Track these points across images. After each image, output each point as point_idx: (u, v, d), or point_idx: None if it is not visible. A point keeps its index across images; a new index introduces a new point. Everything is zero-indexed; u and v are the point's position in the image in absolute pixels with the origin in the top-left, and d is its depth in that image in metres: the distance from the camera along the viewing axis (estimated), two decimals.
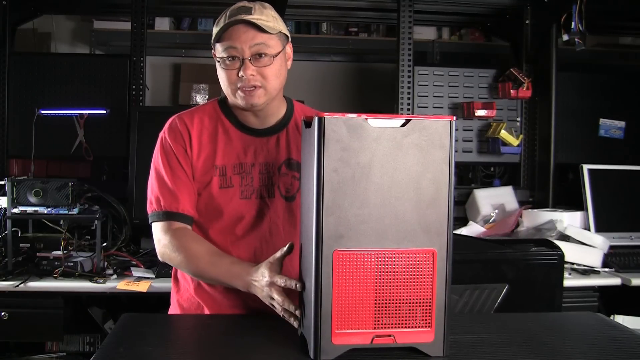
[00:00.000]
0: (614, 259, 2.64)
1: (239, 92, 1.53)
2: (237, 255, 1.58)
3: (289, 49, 1.60)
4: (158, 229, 1.58)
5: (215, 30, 1.54)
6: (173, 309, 1.69)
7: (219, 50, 1.53)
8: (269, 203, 1.60)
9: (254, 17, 1.50)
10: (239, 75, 1.51)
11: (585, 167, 2.96)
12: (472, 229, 2.95)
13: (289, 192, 1.61)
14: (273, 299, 1.35)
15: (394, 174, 1.13)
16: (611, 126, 3.26)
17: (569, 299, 2.21)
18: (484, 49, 3.82)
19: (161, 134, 1.62)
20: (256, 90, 1.52)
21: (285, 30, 1.58)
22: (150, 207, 1.60)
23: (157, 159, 1.61)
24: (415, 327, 1.14)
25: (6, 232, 2.36)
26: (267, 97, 1.55)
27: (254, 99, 1.53)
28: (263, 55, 1.51)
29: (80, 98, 2.95)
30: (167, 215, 1.56)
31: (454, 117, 1.16)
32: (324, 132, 1.11)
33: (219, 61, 1.54)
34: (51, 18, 3.56)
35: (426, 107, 3.16)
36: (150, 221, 1.60)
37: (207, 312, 1.61)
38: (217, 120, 1.62)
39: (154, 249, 2.93)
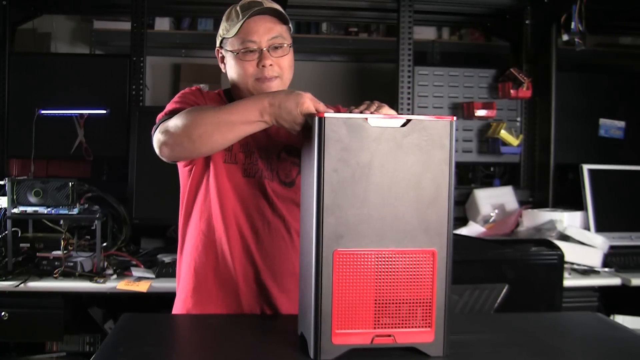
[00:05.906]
0: (614, 259, 2.64)
1: (257, 83, 1.53)
2: (239, 236, 1.57)
3: None
4: (158, 127, 1.47)
5: (227, 25, 1.54)
6: (175, 310, 1.68)
7: (233, 44, 1.53)
8: (269, 186, 1.59)
9: (273, 6, 1.51)
10: (259, 66, 1.51)
11: (585, 167, 2.96)
12: (472, 229, 2.95)
13: (287, 177, 1.61)
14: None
15: (394, 174, 1.12)
16: (611, 126, 3.26)
17: (569, 299, 2.21)
18: (484, 49, 3.81)
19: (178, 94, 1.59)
20: (274, 81, 1.53)
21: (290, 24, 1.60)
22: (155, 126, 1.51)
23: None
24: (415, 327, 1.14)
25: (6, 232, 2.36)
26: (282, 88, 1.55)
27: (272, 90, 1.52)
28: (280, 46, 1.52)
29: (80, 98, 2.95)
30: (170, 114, 1.47)
31: (454, 118, 1.16)
32: (324, 132, 1.11)
33: (234, 53, 1.53)
34: (51, 18, 3.56)
35: (426, 107, 3.16)
36: (152, 133, 1.49)
37: (206, 312, 1.61)
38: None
39: (154, 249, 2.91)
